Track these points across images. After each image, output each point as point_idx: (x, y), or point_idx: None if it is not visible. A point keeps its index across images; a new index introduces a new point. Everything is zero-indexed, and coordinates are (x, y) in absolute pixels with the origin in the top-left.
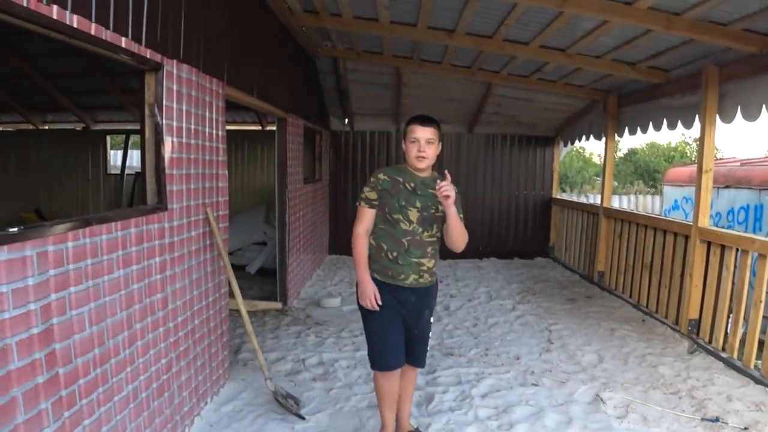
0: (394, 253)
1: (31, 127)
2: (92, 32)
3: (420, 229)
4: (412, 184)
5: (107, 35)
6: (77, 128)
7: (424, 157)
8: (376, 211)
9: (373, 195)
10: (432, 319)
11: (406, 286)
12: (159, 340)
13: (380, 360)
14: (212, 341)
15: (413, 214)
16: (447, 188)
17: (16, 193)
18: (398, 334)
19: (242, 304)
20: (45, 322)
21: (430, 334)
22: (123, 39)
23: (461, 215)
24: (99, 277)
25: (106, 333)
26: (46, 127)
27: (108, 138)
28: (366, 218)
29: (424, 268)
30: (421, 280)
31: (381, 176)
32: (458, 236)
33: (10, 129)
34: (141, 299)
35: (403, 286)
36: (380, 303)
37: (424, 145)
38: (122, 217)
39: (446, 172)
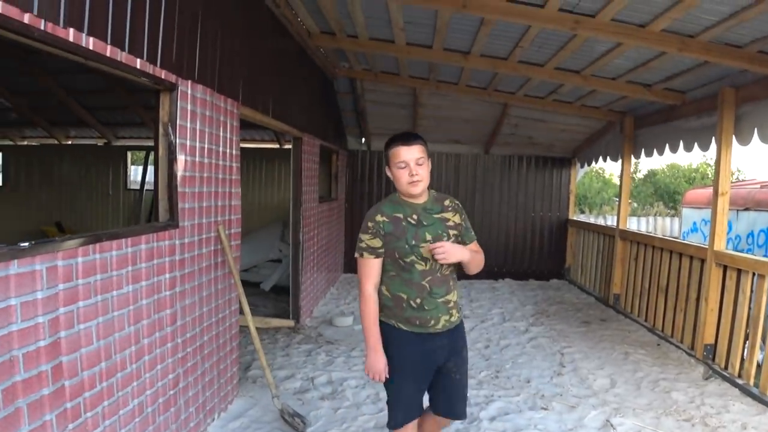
0: (418, 300)
1: (54, 141)
2: (108, 54)
3: (438, 264)
4: (415, 217)
5: (123, 57)
6: (99, 144)
7: (418, 181)
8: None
9: (376, 243)
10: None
11: (438, 331)
12: (167, 355)
13: (391, 418)
14: (221, 357)
15: (426, 251)
16: (441, 254)
17: (39, 206)
18: (416, 392)
19: (251, 321)
20: (53, 335)
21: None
22: (138, 60)
23: (472, 233)
24: (108, 292)
25: (114, 347)
26: (69, 142)
27: (129, 154)
28: (373, 272)
29: (451, 304)
30: (452, 319)
31: (379, 218)
32: (475, 268)
33: (35, 143)
34: (150, 314)
35: (436, 332)
36: (394, 364)
37: (414, 167)
38: (133, 233)
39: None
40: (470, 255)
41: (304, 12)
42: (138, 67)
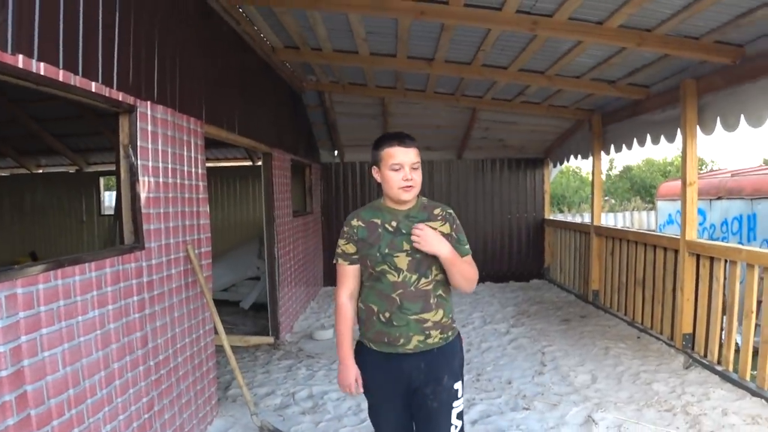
0: (387, 314)
1: (25, 171)
2: (60, 78)
3: (413, 277)
4: (394, 224)
5: (76, 81)
6: (70, 171)
7: (411, 187)
8: (360, 267)
9: (350, 248)
10: (460, 388)
11: (410, 351)
12: (139, 378)
13: None
14: (197, 378)
15: (401, 261)
16: (418, 236)
17: (12, 237)
18: (395, 415)
19: (225, 340)
20: (15, 364)
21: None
22: (93, 83)
23: (466, 246)
24: (72, 318)
25: (82, 373)
26: (40, 171)
27: (101, 179)
28: (347, 278)
29: (429, 324)
30: (429, 341)
31: (355, 222)
32: (460, 279)
33: (5, 174)
34: (119, 338)
35: (405, 353)
36: (368, 387)
37: (409, 171)
38: (97, 257)
39: (420, 226)
40: (452, 255)
41: (266, 28)
42: (93, 90)
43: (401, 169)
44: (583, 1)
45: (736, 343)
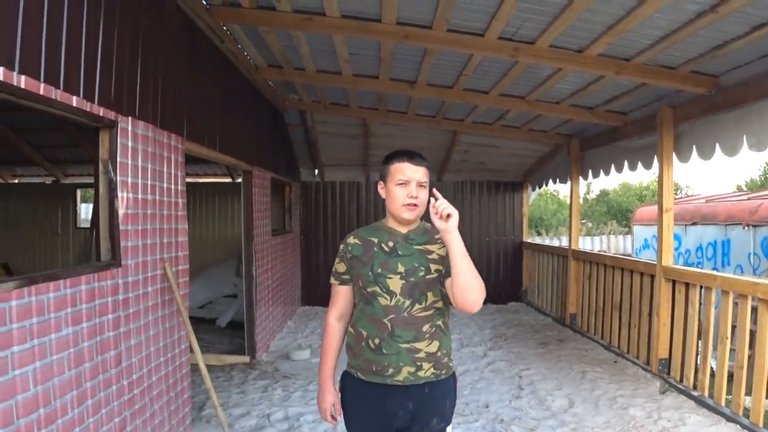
0: (377, 340)
1: (0, 180)
2: (41, 92)
3: (406, 302)
4: (391, 244)
5: (57, 95)
6: (47, 182)
7: (415, 205)
8: (352, 288)
9: (341, 267)
10: None
11: (399, 383)
12: (112, 398)
13: None
14: (172, 398)
15: (394, 283)
16: (445, 205)
17: None
18: None
19: (201, 360)
20: None
21: None
22: (74, 98)
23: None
24: (45, 335)
25: (53, 392)
26: (16, 181)
27: (78, 191)
28: (337, 299)
29: (421, 355)
30: (420, 373)
31: (351, 240)
32: (471, 286)
33: None
34: (92, 357)
35: (394, 384)
36: (350, 418)
37: (415, 188)
38: (72, 274)
39: (434, 190)
40: (464, 250)
41: (249, 46)
42: (74, 105)
43: (407, 185)
44: (564, 30)
45: (711, 368)
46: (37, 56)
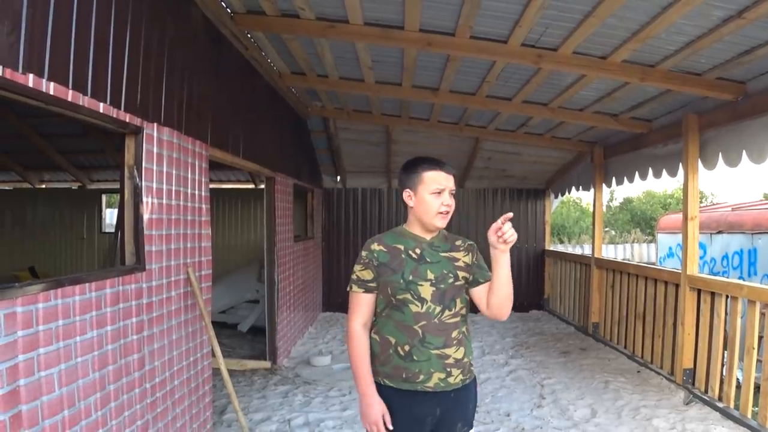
0: (407, 347)
1: (28, 185)
2: (69, 99)
3: (437, 309)
4: (418, 251)
5: (85, 101)
6: (73, 187)
7: (449, 213)
8: (377, 295)
9: (368, 274)
10: None
11: (429, 390)
12: (135, 401)
13: None
14: (193, 402)
15: (425, 290)
16: (511, 233)
17: (12, 251)
18: None
19: (223, 365)
20: (11, 384)
21: None
22: (101, 104)
23: (488, 272)
24: (71, 338)
25: (77, 394)
26: (43, 186)
27: (104, 197)
28: (362, 307)
29: (451, 361)
30: (450, 380)
31: (375, 247)
32: (509, 301)
33: (8, 188)
34: (116, 359)
35: (425, 391)
36: (390, 428)
37: (448, 196)
38: (97, 277)
39: (510, 214)
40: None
41: (273, 53)
42: (101, 111)
43: (442, 194)
44: (588, 36)
45: (737, 380)
46: (66, 63)
